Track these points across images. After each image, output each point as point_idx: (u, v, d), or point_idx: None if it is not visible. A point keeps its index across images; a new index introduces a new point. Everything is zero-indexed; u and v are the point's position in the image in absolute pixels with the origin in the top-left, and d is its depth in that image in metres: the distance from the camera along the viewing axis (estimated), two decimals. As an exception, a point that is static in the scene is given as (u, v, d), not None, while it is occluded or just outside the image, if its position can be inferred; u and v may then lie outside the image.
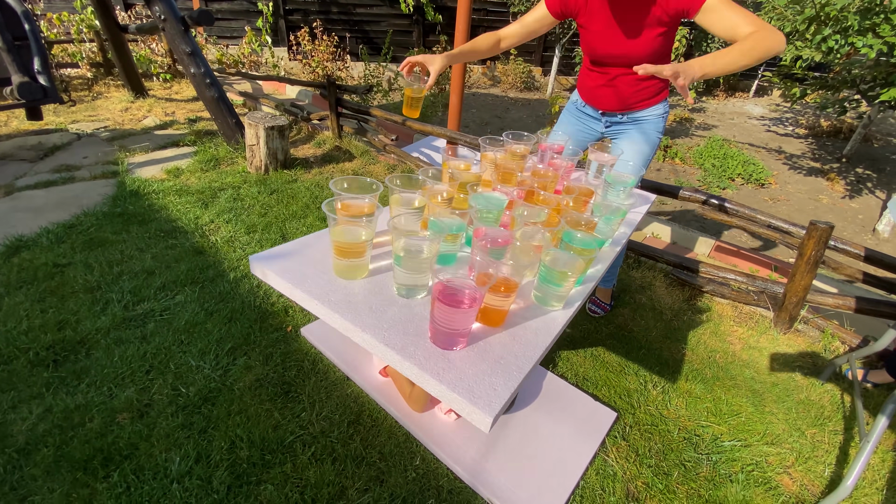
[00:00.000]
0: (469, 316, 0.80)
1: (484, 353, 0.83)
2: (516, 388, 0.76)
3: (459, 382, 0.75)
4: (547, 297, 0.96)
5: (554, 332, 0.91)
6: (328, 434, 1.53)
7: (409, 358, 0.79)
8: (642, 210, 1.54)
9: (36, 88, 3.02)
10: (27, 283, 2.05)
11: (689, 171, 5.19)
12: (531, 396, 1.73)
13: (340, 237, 0.93)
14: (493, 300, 0.86)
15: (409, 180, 1.14)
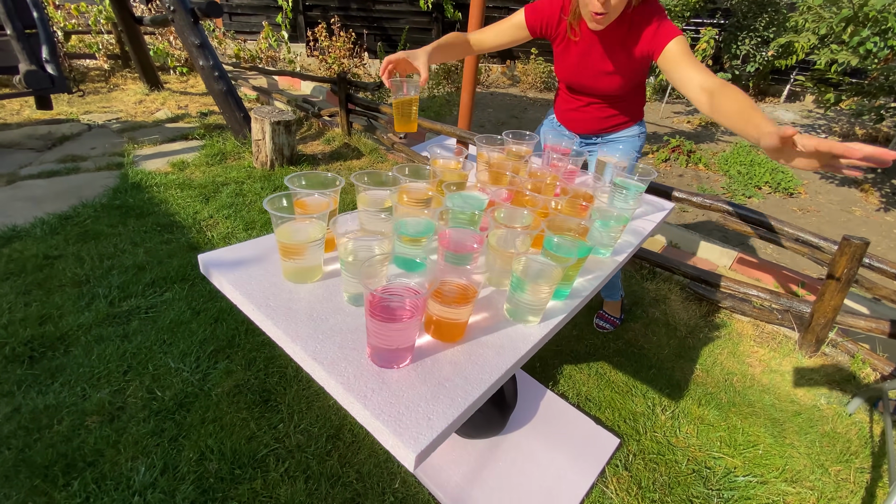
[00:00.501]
0: (407, 330, 0.68)
1: (429, 373, 0.71)
2: (457, 417, 0.64)
3: (388, 408, 0.63)
4: (518, 310, 0.84)
5: (522, 351, 0.78)
6: (304, 449, 1.43)
7: (336, 376, 0.68)
8: (656, 219, 1.39)
9: (43, 77, 3.01)
10: (14, 274, 2.01)
11: (713, 178, 4.97)
12: (527, 417, 1.60)
13: (282, 236, 0.82)
14: (445, 312, 0.74)
15: (378, 177, 1.03)
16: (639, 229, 1.29)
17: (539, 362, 1.88)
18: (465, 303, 0.74)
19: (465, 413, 0.66)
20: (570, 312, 0.91)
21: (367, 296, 0.65)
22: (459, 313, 0.75)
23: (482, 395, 0.69)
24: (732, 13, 7.68)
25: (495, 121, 6.08)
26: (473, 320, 0.84)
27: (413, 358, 0.73)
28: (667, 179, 4.79)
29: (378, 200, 1.00)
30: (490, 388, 0.70)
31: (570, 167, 1.36)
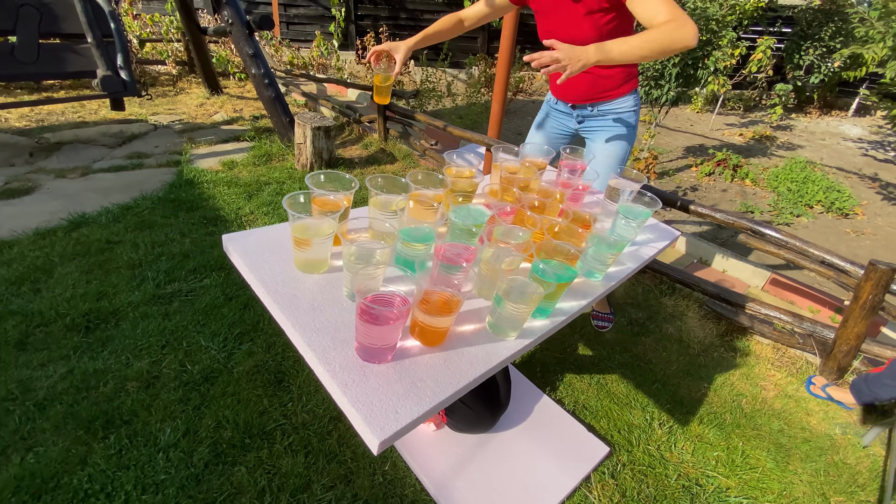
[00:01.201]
0: (389, 334, 0.77)
1: (406, 372, 0.80)
2: (421, 415, 0.72)
3: (363, 398, 0.73)
4: (498, 324, 0.91)
5: (492, 363, 0.85)
6: (308, 426, 1.56)
7: (325, 363, 0.78)
8: (659, 245, 1.39)
9: (117, 82, 3.39)
10: (80, 255, 2.30)
11: (759, 195, 4.75)
12: (520, 418, 1.66)
13: (296, 230, 0.95)
14: (428, 319, 0.83)
15: (392, 182, 1.14)
16: (639, 255, 1.30)
17: (540, 368, 1.93)
18: (447, 313, 0.83)
19: (430, 412, 0.74)
20: (549, 331, 0.97)
21: (358, 302, 0.75)
22: (441, 322, 0.84)
23: (448, 397, 0.77)
24: (795, 22, 7.27)
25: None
26: (459, 329, 0.92)
27: (395, 357, 0.82)
28: (709, 194, 4.63)
29: (388, 204, 1.11)
30: (456, 393, 0.78)
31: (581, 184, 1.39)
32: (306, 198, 0.99)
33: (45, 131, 3.98)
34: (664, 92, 4.42)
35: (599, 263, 1.12)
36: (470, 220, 1.09)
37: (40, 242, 2.37)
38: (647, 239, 1.39)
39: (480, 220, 1.11)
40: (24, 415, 1.51)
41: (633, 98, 1.66)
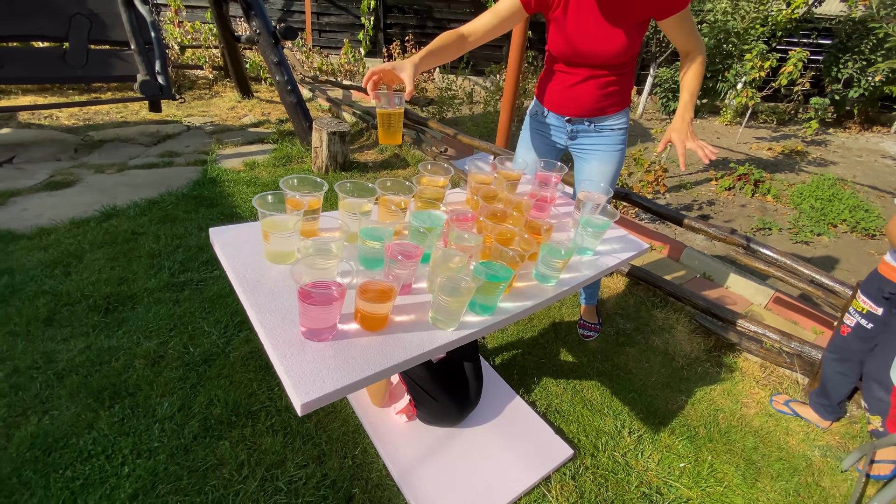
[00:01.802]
0: (325, 315, 0.88)
1: (342, 350, 0.90)
2: (345, 386, 0.82)
3: (296, 368, 0.84)
4: (437, 316, 1.01)
5: (425, 349, 0.94)
6: (290, 409, 1.69)
7: (271, 338, 0.89)
8: (622, 256, 1.44)
9: (154, 86, 3.67)
10: (108, 244, 2.53)
11: (780, 211, 4.63)
12: (489, 415, 1.73)
13: (265, 225, 1.07)
14: (366, 306, 0.93)
15: (361, 187, 1.26)
16: (597, 264, 1.36)
17: (518, 370, 2.00)
18: (382, 301, 0.93)
19: (355, 384, 0.84)
20: (488, 327, 1.06)
21: (297, 287, 0.87)
22: (377, 308, 0.94)
23: (374, 374, 0.87)
24: (834, 34, 7.01)
25: (552, 138, 6.13)
26: (402, 319, 1.02)
27: (336, 337, 0.93)
28: (726, 209, 4.55)
29: (355, 206, 1.22)
30: (383, 371, 0.88)
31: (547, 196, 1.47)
32: (275, 197, 1.11)
33: (90, 129, 4.34)
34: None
35: (549, 269, 1.19)
36: (427, 223, 1.19)
37: (75, 231, 2.62)
38: (611, 249, 1.45)
39: (436, 223, 1.20)
40: (45, 382, 1.70)
41: (626, 115, 1.69)
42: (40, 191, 3.08)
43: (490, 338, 2.18)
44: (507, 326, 2.25)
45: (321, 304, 0.86)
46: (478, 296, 1.04)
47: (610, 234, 1.51)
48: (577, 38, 1.47)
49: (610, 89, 1.57)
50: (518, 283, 1.21)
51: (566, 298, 2.52)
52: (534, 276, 1.23)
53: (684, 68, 1.51)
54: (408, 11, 7.83)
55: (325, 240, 1.02)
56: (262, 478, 1.46)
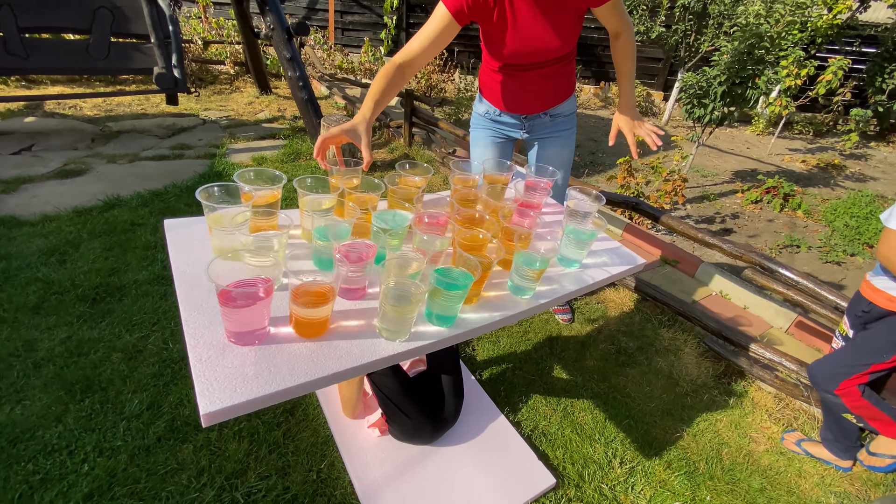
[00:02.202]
0: (246, 317, 0.80)
1: (267, 357, 0.81)
2: (258, 398, 0.73)
3: (210, 371, 0.76)
4: (382, 325, 0.91)
5: (364, 360, 0.85)
6: (261, 415, 1.62)
7: (195, 338, 0.82)
8: (613, 271, 1.30)
9: (170, 79, 3.70)
10: (106, 233, 2.53)
11: (811, 228, 4.35)
12: (469, 434, 1.63)
13: (209, 219, 1.00)
14: (299, 310, 0.85)
15: (324, 183, 1.18)
16: (582, 277, 1.24)
17: (505, 387, 1.88)
18: (317, 304, 0.85)
19: (271, 397, 0.76)
20: (445, 339, 0.96)
21: (216, 288, 0.79)
22: (310, 313, 0.86)
23: (297, 386, 0.78)
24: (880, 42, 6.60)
25: (572, 143, 5.95)
26: (351, 324, 0.93)
27: (267, 341, 0.85)
28: (751, 223, 4.30)
29: (314, 203, 1.15)
30: (306, 384, 0.79)
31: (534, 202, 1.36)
32: (223, 189, 1.04)
33: (110, 120, 4.42)
34: (708, 111, 4.17)
35: (522, 280, 1.09)
36: (391, 224, 1.10)
37: (76, 219, 2.64)
38: (601, 262, 1.33)
39: (400, 224, 1.11)
40: (22, 371, 1.69)
41: (574, 98, 1.77)
42: (51, 178, 3.13)
43: (480, 349, 2.07)
44: (499, 338, 2.14)
45: (243, 306, 0.78)
46: (434, 305, 0.95)
47: (602, 246, 1.39)
48: (521, 41, 1.44)
49: (559, 80, 1.62)
50: (489, 292, 1.11)
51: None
52: (508, 286, 1.13)
53: (618, 51, 1.54)
54: (430, 11, 7.77)
55: (268, 235, 0.94)
56: (221, 487, 1.39)
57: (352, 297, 0.99)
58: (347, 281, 0.97)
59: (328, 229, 1.04)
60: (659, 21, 6.43)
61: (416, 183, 1.30)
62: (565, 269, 1.26)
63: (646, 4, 6.46)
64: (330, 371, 0.81)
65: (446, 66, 6.99)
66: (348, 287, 0.98)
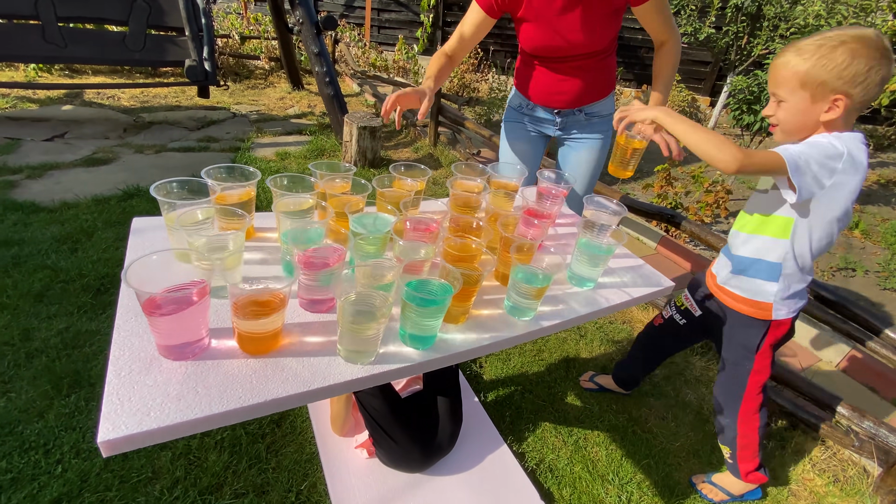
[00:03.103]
0: (172, 327, 0.69)
1: (198, 376, 0.70)
2: (174, 426, 0.62)
3: (124, 391, 0.65)
4: (340, 345, 0.78)
5: (314, 385, 0.72)
6: (246, 425, 1.53)
7: (120, 347, 0.73)
8: (634, 294, 1.11)
9: (200, 71, 3.73)
10: (121, 223, 2.53)
11: (868, 250, 3.95)
12: (465, 464, 1.48)
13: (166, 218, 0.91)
14: (240, 323, 0.73)
15: (300, 182, 1.07)
16: (596, 299, 1.08)
17: (512, 412, 1.72)
18: (258, 316, 0.73)
19: (189, 426, 0.64)
20: (416, 365, 0.82)
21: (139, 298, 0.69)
22: (253, 326, 0.74)
23: (221, 415, 0.66)
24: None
25: (606, 149, 5.68)
26: (308, 340, 0.82)
27: (206, 356, 0.74)
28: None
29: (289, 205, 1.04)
30: (238, 412, 0.67)
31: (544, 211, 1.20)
32: (181, 185, 0.94)
33: (144, 111, 4.52)
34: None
35: (520, 298, 0.94)
36: (370, 228, 0.99)
37: (94, 208, 2.65)
38: (619, 282, 1.16)
39: (380, 228, 0.99)
40: (14, 361, 1.66)
41: (612, 99, 1.63)
42: (78, 166, 3.18)
43: (488, 367, 1.92)
44: (510, 356, 1.98)
45: (170, 313, 0.68)
46: (406, 323, 0.81)
47: (622, 264, 1.22)
48: (549, 33, 1.40)
49: (596, 74, 1.51)
50: (481, 310, 0.97)
51: (587, 332, 2.20)
52: (504, 306, 0.98)
53: (659, 59, 1.44)
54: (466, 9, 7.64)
55: (223, 236, 0.83)
56: (193, 501, 1.30)
57: (317, 310, 0.87)
58: (310, 290, 0.85)
59: (298, 233, 0.93)
60: (708, 22, 6.06)
61: (409, 186, 1.17)
62: (576, 289, 1.09)
63: (695, 4, 6.10)
64: (269, 397, 0.69)
65: (480, 66, 6.84)
66: (311, 298, 0.86)
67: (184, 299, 0.69)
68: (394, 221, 0.99)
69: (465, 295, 0.89)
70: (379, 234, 0.96)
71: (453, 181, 1.22)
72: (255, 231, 1.14)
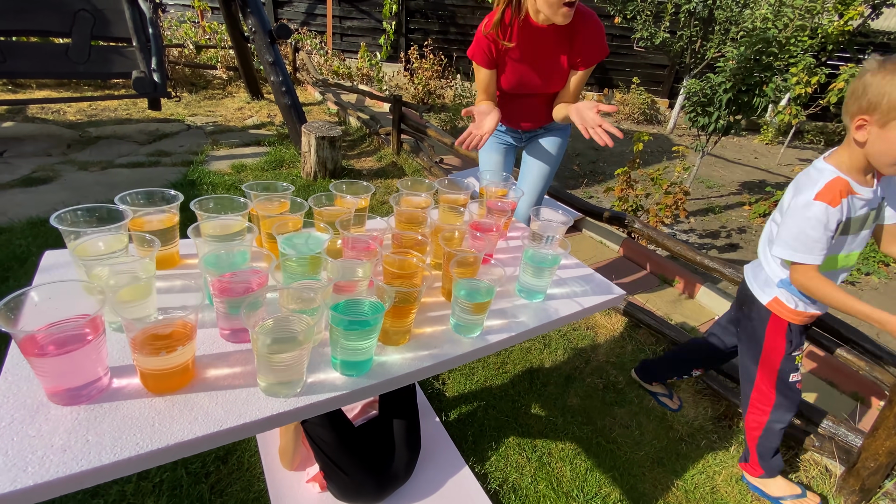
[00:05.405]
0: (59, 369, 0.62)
1: (94, 421, 0.63)
2: (44, 484, 0.55)
3: (6, 441, 0.59)
4: (260, 376, 0.72)
5: (223, 426, 0.65)
6: (187, 464, 1.42)
7: (5, 395, 0.64)
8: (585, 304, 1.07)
9: (149, 83, 3.56)
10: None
11: (822, 244, 4.07)
12: (426, 490, 1.41)
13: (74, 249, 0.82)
14: (142, 360, 0.66)
15: (229, 202, 0.99)
16: (547, 311, 1.04)
17: (474, 430, 1.67)
18: (157, 352, 0.65)
19: (73, 481, 0.57)
20: (346, 395, 0.76)
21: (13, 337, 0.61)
22: (158, 363, 0.67)
23: (113, 465, 0.59)
24: (893, 49, 6.34)
25: (570, 151, 5.75)
26: (223, 373, 0.74)
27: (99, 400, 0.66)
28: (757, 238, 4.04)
29: (221, 227, 0.96)
30: (134, 461, 0.60)
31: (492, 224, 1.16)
32: (86, 213, 0.86)
33: (91, 126, 4.30)
34: (712, 120, 3.94)
35: (463, 314, 0.89)
36: (301, 249, 0.92)
37: (29, 231, 2.47)
38: (570, 292, 1.12)
39: (312, 248, 0.93)
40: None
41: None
42: (15, 187, 2.98)
43: (451, 383, 1.86)
44: (473, 370, 1.93)
45: (55, 354, 0.60)
46: (336, 349, 0.75)
47: (572, 273, 1.19)
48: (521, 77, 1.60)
49: (544, 108, 1.71)
50: (425, 328, 0.91)
51: (551, 341, 2.17)
52: (450, 324, 0.93)
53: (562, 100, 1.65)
54: (431, 17, 7.64)
55: (129, 264, 0.76)
56: (125, 556, 1.19)
57: (239, 340, 0.80)
58: (229, 319, 0.78)
59: (220, 258, 0.86)
60: (663, 27, 6.23)
61: (349, 203, 1.11)
62: (526, 302, 1.05)
63: (650, 10, 6.26)
64: (171, 441, 0.62)
65: (445, 73, 6.83)
66: (231, 327, 0.79)
67: (72, 336, 0.61)
68: (326, 240, 0.92)
69: (403, 313, 0.84)
70: (308, 254, 0.90)
71: (398, 198, 1.17)
72: (180, 258, 1.05)
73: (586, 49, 1.51)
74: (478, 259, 0.98)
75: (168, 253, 0.99)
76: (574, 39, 1.50)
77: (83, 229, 0.84)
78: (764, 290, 1.37)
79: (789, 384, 1.41)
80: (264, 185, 1.11)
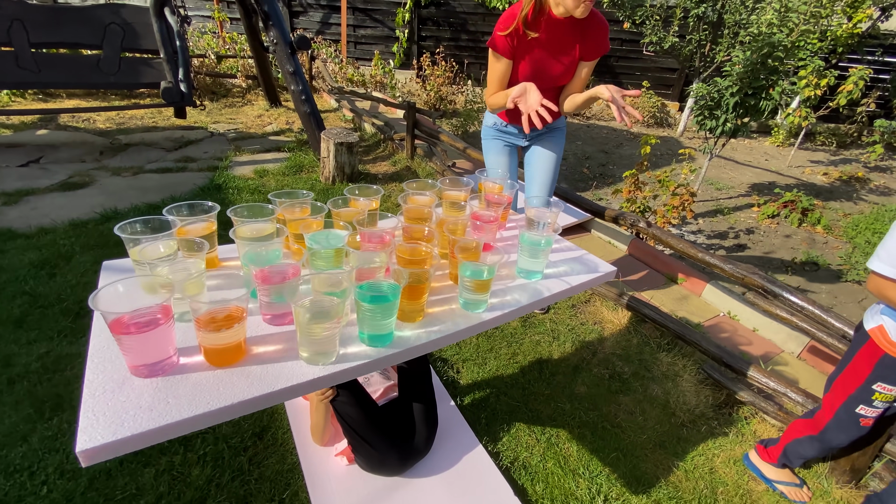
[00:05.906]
0: (141, 347, 0.75)
1: (168, 388, 0.76)
2: (146, 433, 0.68)
3: (101, 406, 0.71)
4: (300, 346, 0.86)
5: (274, 387, 0.78)
6: (228, 439, 1.57)
7: (94, 372, 0.78)
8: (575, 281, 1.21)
9: (176, 93, 3.77)
10: (99, 247, 2.55)
11: (830, 245, 4.14)
12: (442, 465, 1.54)
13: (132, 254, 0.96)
14: (204, 337, 0.79)
15: (259, 210, 1.14)
16: (539, 289, 1.16)
17: (487, 414, 1.79)
18: (218, 329, 0.79)
19: (162, 432, 0.70)
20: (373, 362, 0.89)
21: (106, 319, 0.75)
22: (217, 339, 0.80)
23: (192, 419, 0.73)
24: (906, 50, 6.33)
25: (581, 154, 5.85)
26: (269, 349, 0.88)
27: (176, 371, 0.80)
28: (766, 239, 4.13)
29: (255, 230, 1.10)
30: (208, 415, 0.74)
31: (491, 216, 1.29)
32: (144, 224, 1.00)
33: (121, 133, 4.53)
34: (720, 122, 4.03)
35: (467, 292, 1.03)
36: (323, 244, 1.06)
37: (72, 232, 2.67)
38: (562, 272, 1.25)
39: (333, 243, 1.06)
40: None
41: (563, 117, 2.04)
42: (54, 191, 3.19)
43: (465, 372, 1.99)
44: (486, 361, 2.06)
45: (138, 332, 0.74)
46: (363, 323, 0.90)
47: (565, 256, 1.32)
48: (539, 67, 1.72)
49: (555, 102, 1.83)
50: (437, 308, 1.05)
51: (559, 335, 2.29)
52: (460, 303, 1.07)
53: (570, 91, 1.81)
54: (442, 24, 7.82)
55: (184, 262, 0.90)
56: (177, 516, 1.34)
57: (279, 323, 0.94)
58: (271, 306, 0.92)
59: (257, 255, 1.00)
60: (672, 31, 6.31)
61: (362, 205, 1.25)
62: (522, 282, 1.19)
63: (659, 14, 6.35)
64: (236, 399, 0.76)
65: (456, 79, 6.99)
66: (272, 313, 0.93)
67: (150, 320, 0.75)
68: (346, 236, 1.06)
69: (417, 293, 0.97)
70: (333, 248, 1.04)
71: (405, 197, 1.31)
72: (219, 261, 1.19)
73: (597, 40, 1.68)
74: (479, 244, 1.11)
75: (210, 256, 1.13)
76: (586, 32, 1.66)
77: (142, 237, 0.97)
78: (872, 316, 1.32)
79: (853, 413, 1.36)
80: (287, 194, 1.24)
